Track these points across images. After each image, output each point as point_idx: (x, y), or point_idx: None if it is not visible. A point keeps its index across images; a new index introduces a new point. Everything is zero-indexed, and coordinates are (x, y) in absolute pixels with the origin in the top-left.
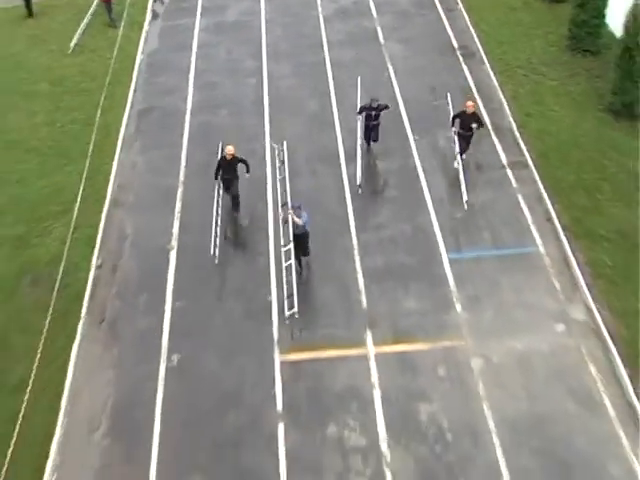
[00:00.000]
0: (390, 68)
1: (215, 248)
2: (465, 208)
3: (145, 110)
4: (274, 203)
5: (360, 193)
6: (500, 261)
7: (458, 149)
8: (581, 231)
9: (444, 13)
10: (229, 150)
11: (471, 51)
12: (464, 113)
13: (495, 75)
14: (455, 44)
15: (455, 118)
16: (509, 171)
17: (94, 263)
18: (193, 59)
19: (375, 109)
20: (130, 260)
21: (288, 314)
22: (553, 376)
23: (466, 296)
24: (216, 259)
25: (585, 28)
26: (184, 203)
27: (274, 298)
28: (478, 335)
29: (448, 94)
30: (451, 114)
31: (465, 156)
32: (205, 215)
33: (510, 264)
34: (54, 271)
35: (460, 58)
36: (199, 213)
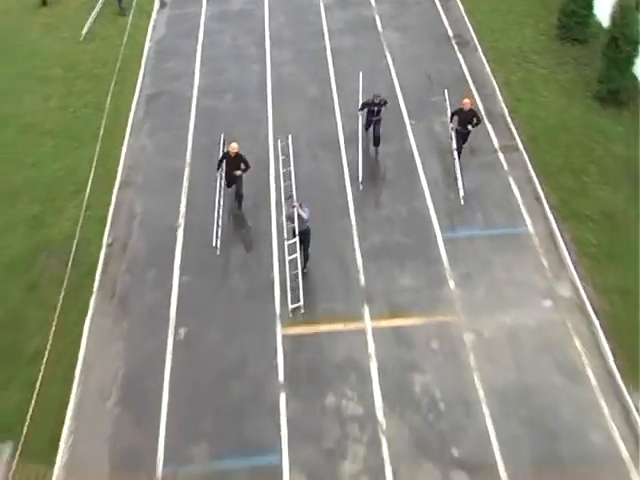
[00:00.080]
0: (388, 55)
1: (217, 240)
2: (462, 203)
3: (153, 95)
4: (276, 183)
5: (361, 189)
6: (492, 240)
7: (455, 145)
8: (568, 212)
9: (439, 2)
10: (232, 148)
11: (465, 39)
12: (461, 110)
13: (488, 63)
14: (450, 32)
15: (453, 115)
16: (501, 154)
17: (105, 241)
18: (199, 46)
19: (377, 105)
20: (139, 238)
21: (292, 307)
22: (540, 349)
23: (459, 273)
24: (218, 250)
25: (574, 18)
26: (190, 184)
27: (276, 275)
28: (470, 310)
29: (445, 90)
30: (448, 110)
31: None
32: (210, 195)
33: (501, 243)
34: (67, 249)
35: (455, 46)
36: (205, 193)
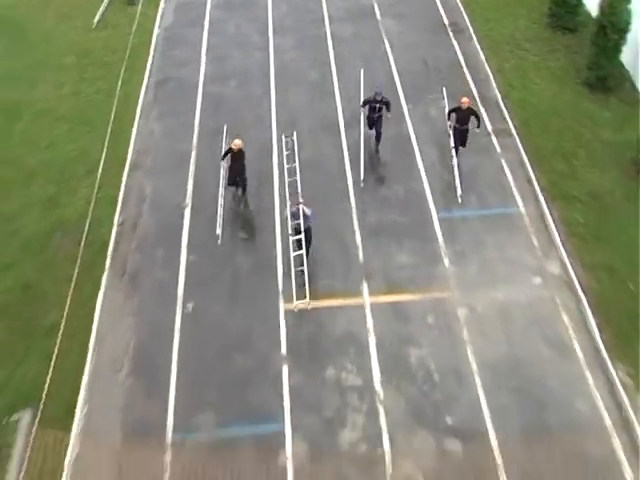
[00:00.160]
0: (386, 42)
1: (220, 228)
2: (460, 202)
3: (162, 81)
4: (279, 166)
5: (362, 186)
6: (485, 220)
7: (453, 144)
8: (558, 193)
9: None
10: (236, 145)
11: (460, 28)
12: (459, 109)
13: (482, 50)
14: (446, 21)
15: (450, 113)
16: (494, 138)
17: (116, 220)
18: (205, 34)
19: (379, 102)
20: (149, 218)
21: (298, 303)
22: (530, 324)
23: (453, 252)
24: (219, 239)
25: (564, 7)
26: (197, 166)
27: (279, 252)
28: (464, 287)
29: (444, 88)
30: (446, 108)
31: (463, 148)
32: (216, 178)
33: (494, 223)
34: (81, 228)
35: (450, 34)
36: (211, 175)
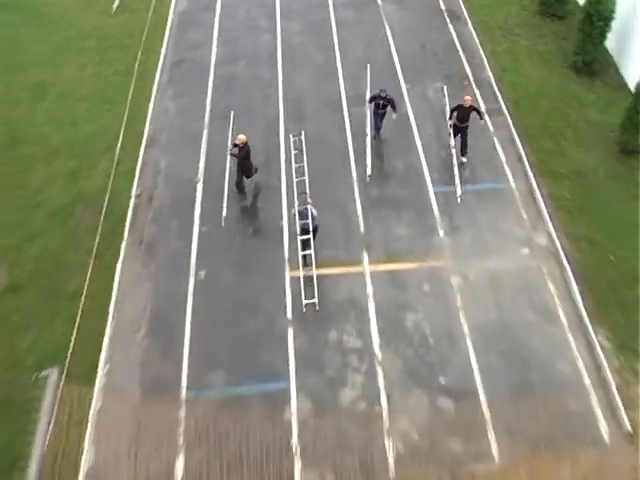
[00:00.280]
0: (386, 26)
1: (224, 209)
2: (459, 202)
3: (176, 62)
4: (286, 142)
5: (368, 181)
6: (478, 194)
7: (453, 142)
8: (546, 170)
9: None
10: (240, 140)
11: (457, 14)
12: (461, 107)
13: (477, 35)
14: (443, 7)
15: (453, 111)
16: (487, 117)
17: (134, 193)
18: (217, 18)
19: (383, 99)
20: (164, 191)
21: (306, 303)
22: (518, 291)
23: (448, 224)
24: (222, 221)
25: None
26: (209, 143)
27: (285, 223)
28: (457, 257)
29: (445, 87)
30: (447, 106)
31: (466, 159)
32: (226, 154)
33: (486, 197)
34: (101, 200)
35: (447, 19)
36: (221, 152)
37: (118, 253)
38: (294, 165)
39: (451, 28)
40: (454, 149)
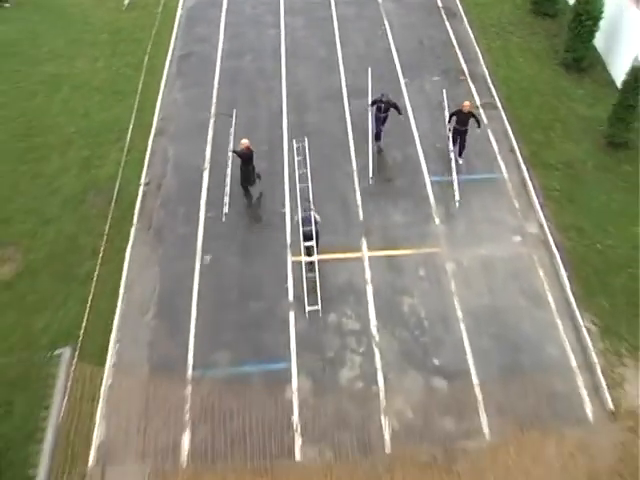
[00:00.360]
0: (386, 23)
1: (225, 206)
2: (457, 206)
3: (184, 55)
4: (289, 132)
5: (371, 183)
6: (472, 184)
7: (452, 146)
8: (537, 162)
9: None
10: (243, 144)
11: (453, 11)
12: (460, 112)
13: (472, 32)
14: (440, 4)
15: (452, 116)
16: (481, 110)
17: (143, 180)
18: (223, 14)
19: (384, 103)
20: (171, 178)
21: (309, 309)
22: (509, 277)
23: (443, 212)
24: (223, 217)
25: None
26: (215, 133)
27: (287, 210)
28: (452, 244)
29: (444, 90)
30: (446, 110)
31: (462, 160)
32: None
33: (480, 187)
34: (112, 187)
35: (444, 17)
36: (227, 142)
37: (128, 238)
38: (297, 172)
39: (448, 25)
40: (452, 152)
